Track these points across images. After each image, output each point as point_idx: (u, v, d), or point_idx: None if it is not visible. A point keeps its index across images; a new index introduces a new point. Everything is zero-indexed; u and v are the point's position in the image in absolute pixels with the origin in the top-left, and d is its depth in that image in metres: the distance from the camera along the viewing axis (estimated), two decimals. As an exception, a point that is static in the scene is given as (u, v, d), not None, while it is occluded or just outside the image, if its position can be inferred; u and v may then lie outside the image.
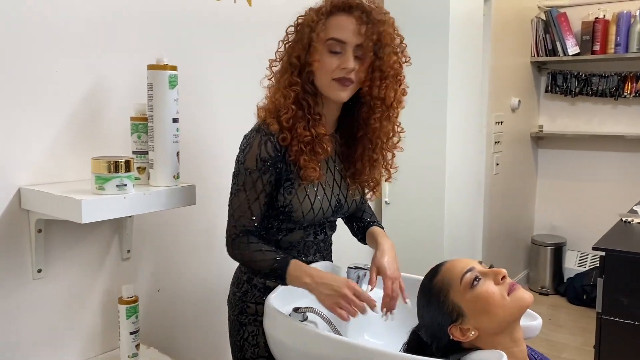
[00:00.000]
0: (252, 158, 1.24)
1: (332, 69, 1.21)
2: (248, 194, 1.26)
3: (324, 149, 1.26)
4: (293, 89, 1.23)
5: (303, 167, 1.25)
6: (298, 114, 1.24)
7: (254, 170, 1.24)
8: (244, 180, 1.26)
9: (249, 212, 1.27)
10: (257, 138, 1.25)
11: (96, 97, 1.39)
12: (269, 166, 1.24)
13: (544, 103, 4.14)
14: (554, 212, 4.17)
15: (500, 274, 1.08)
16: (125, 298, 1.43)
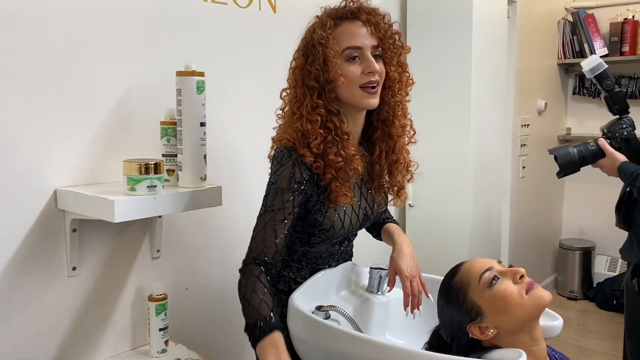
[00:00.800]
0: (284, 179, 1.20)
1: (356, 77, 1.20)
2: (275, 215, 1.20)
3: (355, 169, 1.24)
4: (318, 112, 1.20)
5: (334, 193, 1.22)
6: (327, 138, 1.21)
7: (286, 191, 1.20)
8: (273, 200, 1.20)
9: (272, 235, 1.20)
10: (291, 160, 1.21)
11: (129, 102, 1.45)
12: (301, 188, 1.21)
13: (571, 105, 4.09)
14: (583, 215, 4.11)
15: (518, 273, 1.09)
16: (154, 295, 1.48)
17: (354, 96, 1.22)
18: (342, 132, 1.23)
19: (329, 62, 1.18)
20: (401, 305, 1.49)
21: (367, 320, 1.41)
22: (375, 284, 1.48)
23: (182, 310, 1.64)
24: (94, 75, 1.38)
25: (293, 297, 1.32)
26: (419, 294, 1.36)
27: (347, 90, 1.21)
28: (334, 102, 1.22)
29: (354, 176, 1.25)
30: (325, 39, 1.18)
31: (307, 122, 1.20)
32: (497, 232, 2.70)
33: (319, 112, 1.20)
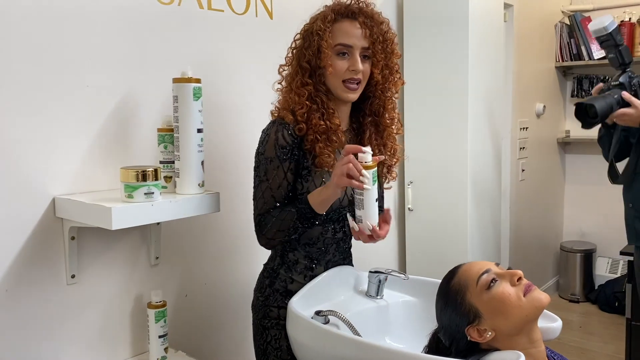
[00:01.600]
0: (270, 147, 1.31)
1: (342, 71, 1.31)
2: (270, 183, 1.32)
3: (338, 138, 1.33)
4: (306, 89, 1.32)
5: (318, 154, 1.31)
6: (312, 107, 1.32)
7: (274, 159, 1.31)
8: (265, 169, 1.32)
9: (272, 200, 1.32)
10: (274, 128, 1.32)
11: (126, 110, 1.45)
12: (287, 152, 1.31)
13: (570, 108, 4.09)
14: (584, 218, 4.11)
15: (516, 275, 1.09)
16: (154, 302, 1.48)
17: (336, 87, 1.34)
18: (328, 107, 1.34)
19: (322, 52, 1.30)
20: (400, 310, 1.50)
21: (366, 324, 1.40)
22: (374, 288, 1.48)
23: (182, 317, 1.64)
24: (92, 84, 1.38)
25: (292, 302, 1.32)
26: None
27: (332, 80, 1.33)
28: (323, 84, 1.34)
29: (338, 144, 1.33)
30: (322, 31, 1.30)
31: (295, 94, 1.33)
32: (497, 235, 2.69)
33: (307, 89, 1.32)
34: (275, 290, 1.41)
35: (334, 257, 1.45)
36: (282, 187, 1.32)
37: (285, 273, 1.41)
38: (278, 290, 1.40)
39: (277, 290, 1.40)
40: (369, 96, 1.40)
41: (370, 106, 1.41)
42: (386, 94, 1.39)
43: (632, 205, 1.95)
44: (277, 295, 1.40)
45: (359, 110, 1.44)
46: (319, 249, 1.42)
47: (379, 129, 1.44)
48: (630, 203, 1.96)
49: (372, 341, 1.22)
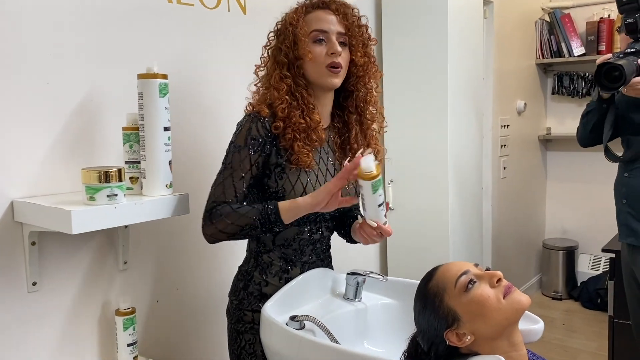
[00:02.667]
0: (242, 136, 1.27)
1: (322, 56, 1.28)
2: (234, 172, 1.26)
3: (318, 136, 1.30)
4: (285, 82, 1.28)
5: (296, 153, 1.27)
6: (292, 104, 1.28)
7: (243, 148, 1.26)
8: (232, 158, 1.27)
9: (232, 189, 1.25)
10: (249, 120, 1.28)
11: (89, 108, 1.39)
12: (258, 145, 1.26)
13: (551, 105, 4.09)
14: (565, 215, 4.11)
15: (495, 277, 1.05)
16: (122, 309, 1.42)
17: (320, 74, 1.29)
18: (308, 102, 1.29)
19: (298, 41, 1.27)
20: (379, 312, 1.45)
21: (344, 329, 1.36)
22: (352, 290, 1.44)
23: (153, 324, 1.58)
24: (52, 81, 1.32)
25: (265, 307, 1.27)
26: None
27: (313, 68, 1.29)
28: (302, 77, 1.30)
29: (318, 142, 1.30)
30: (295, 21, 1.28)
31: (274, 89, 1.28)
32: (479, 233, 2.66)
33: (286, 82, 1.28)
34: (249, 293, 1.35)
35: (310, 258, 1.40)
36: (244, 180, 1.26)
37: (259, 275, 1.36)
38: (252, 293, 1.35)
39: (252, 294, 1.35)
40: (351, 91, 1.37)
41: (353, 101, 1.38)
42: (367, 86, 1.36)
43: (626, 201, 1.92)
44: (252, 298, 1.35)
45: (342, 108, 1.40)
46: (295, 250, 1.37)
47: (363, 127, 1.40)
48: (624, 199, 1.93)
49: (348, 348, 1.18)
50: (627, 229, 1.93)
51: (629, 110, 1.93)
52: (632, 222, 1.90)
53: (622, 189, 1.96)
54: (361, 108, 1.39)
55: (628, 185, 1.93)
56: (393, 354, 1.32)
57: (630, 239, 1.92)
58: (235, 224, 1.23)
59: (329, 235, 1.46)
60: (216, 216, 1.24)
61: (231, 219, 1.23)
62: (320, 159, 1.36)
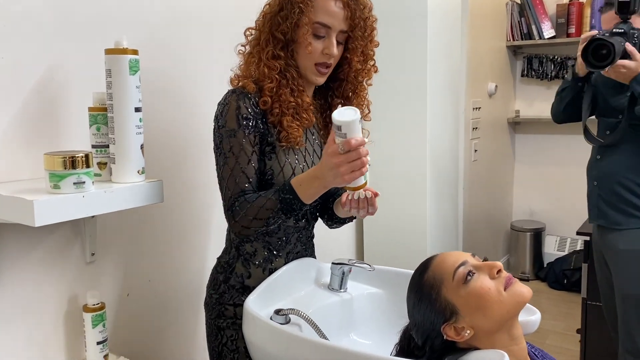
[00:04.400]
0: (232, 118, 1.17)
1: (317, 53, 1.21)
2: (238, 159, 1.17)
3: (308, 116, 1.24)
4: (278, 62, 1.20)
5: (286, 128, 1.20)
6: (282, 83, 1.21)
7: (237, 130, 1.17)
8: (230, 144, 1.17)
9: (244, 177, 1.17)
10: (234, 97, 1.19)
11: (51, 86, 1.26)
12: (251, 123, 1.18)
13: (520, 87, 4.10)
14: (532, 197, 4.16)
15: (495, 268, 1.00)
16: (90, 305, 1.31)
17: (307, 68, 1.24)
18: (299, 84, 1.23)
19: (301, 27, 1.19)
20: (365, 303, 1.40)
21: (330, 321, 1.29)
22: (337, 280, 1.37)
23: (124, 320, 1.48)
24: (7, 55, 1.18)
25: (248, 302, 1.19)
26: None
27: (304, 60, 1.23)
28: (294, 60, 1.23)
29: (308, 122, 1.24)
30: (304, 4, 1.18)
31: (265, 67, 1.20)
32: (455, 217, 2.65)
33: (279, 63, 1.20)
34: (230, 286, 1.27)
35: (295, 247, 1.33)
36: (252, 162, 1.18)
37: (241, 267, 1.28)
38: (234, 286, 1.27)
39: (233, 287, 1.27)
40: (340, 79, 1.31)
41: (340, 89, 1.32)
42: (358, 79, 1.30)
43: (597, 183, 1.91)
44: (233, 291, 1.27)
45: (326, 88, 1.34)
46: (279, 238, 1.29)
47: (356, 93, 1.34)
48: (595, 181, 1.92)
49: (336, 344, 1.11)
50: (597, 211, 1.93)
51: (606, 92, 1.91)
52: (602, 205, 1.90)
53: (593, 171, 1.96)
54: (347, 97, 1.33)
55: (599, 167, 1.92)
56: (381, 345, 1.27)
57: (600, 220, 1.92)
58: (257, 218, 1.15)
59: (313, 223, 1.39)
60: (237, 213, 1.17)
61: (252, 214, 1.15)
62: (307, 139, 1.29)
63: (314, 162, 1.29)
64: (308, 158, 1.28)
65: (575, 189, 3.93)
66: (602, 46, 1.67)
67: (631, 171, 1.82)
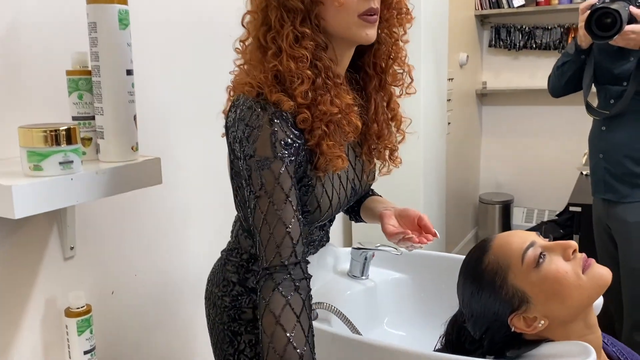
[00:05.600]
0: (266, 143, 0.86)
1: (355, 2, 0.88)
2: (274, 197, 0.85)
3: (353, 124, 0.93)
4: (304, 45, 0.87)
5: (325, 155, 0.91)
6: (317, 82, 0.89)
7: (274, 160, 0.85)
8: (261, 178, 0.86)
9: (281, 226, 0.85)
10: (266, 117, 0.86)
11: (17, 45, 1.02)
12: (293, 152, 0.88)
13: (487, 58, 4.04)
14: (500, 169, 4.14)
15: (570, 248, 0.88)
16: (74, 309, 1.11)
17: (349, 26, 0.90)
18: (335, 75, 0.91)
19: None
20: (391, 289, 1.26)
21: (356, 312, 1.15)
22: (358, 267, 1.23)
23: (109, 320, 1.27)
24: (-42, 5, 0.94)
25: None
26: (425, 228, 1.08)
27: (341, 18, 0.89)
28: (321, 32, 0.90)
29: (352, 133, 0.94)
30: None
31: (290, 59, 0.87)
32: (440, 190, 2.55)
33: (305, 45, 0.87)
34: (248, 288, 1.08)
35: (316, 250, 1.16)
36: (291, 202, 0.87)
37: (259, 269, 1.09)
38: (253, 289, 1.07)
39: (252, 289, 1.07)
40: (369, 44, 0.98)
41: (372, 58, 1.01)
42: (393, 36, 0.99)
43: (603, 156, 1.84)
44: (252, 294, 1.08)
45: (354, 68, 1.04)
46: None
47: (385, 94, 1.05)
48: (601, 154, 1.85)
49: (382, 342, 0.96)
50: (604, 185, 1.86)
51: (606, 59, 1.83)
52: (609, 178, 1.84)
53: (598, 143, 1.88)
54: (382, 67, 1.02)
55: (606, 139, 1.85)
56: (417, 336, 1.16)
57: (608, 194, 1.85)
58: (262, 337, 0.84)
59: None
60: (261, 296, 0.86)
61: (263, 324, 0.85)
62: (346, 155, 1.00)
63: (348, 177, 1.02)
64: (343, 177, 1.02)
65: (541, 160, 3.95)
66: (605, 15, 1.58)
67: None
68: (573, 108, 3.70)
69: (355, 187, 1.07)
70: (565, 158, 3.82)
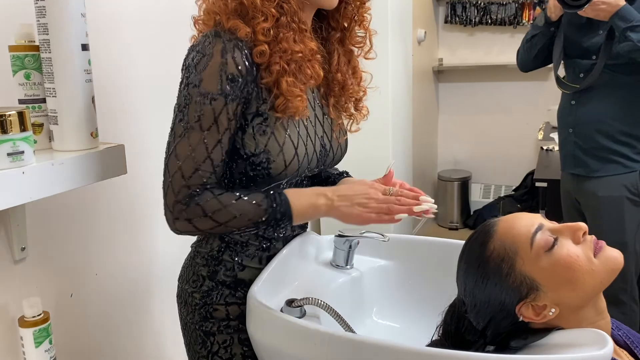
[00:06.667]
0: (214, 76, 0.84)
1: None
2: (206, 135, 0.85)
3: (315, 71, 0.91)
4: None
5: (285, 93, 0.88)
6: (281, 21, 0.87)
7: (218, 96, 0.84)
8: (201, 112, 0.85)
9: (209, 162, 0.86)
10: (219, 45, 0.84)
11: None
12: (238, 88, 0.86)
13: (443, 35, 4.01)
14: (457, 146, 4.16)
15: (580, 230, 0.82)
16: (29, 318, 0.98)
17: None
18: (300, 20, 0.90)
19: None
20: (377, 278, 1.18)
21: (343, 304, 1.06)
22: (342, 256, 1.15)
23: (68, 325, 1.15)
24: None
25: (253, 292, 0.94)
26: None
27: None
28: None
29: (314, 79, 0.92)
30: None
31: None
32: (407, 169, 2.51)
33: None
34: (219, 282, 0.99)
35: (293, 230, 1.07)
36: (221, 145, 0.87)
37: (231, 259, 0.99)
38: (224, 282, 0.99)
39: (223, 283, 0.99)
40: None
41: (340, 15, 1.00)
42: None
43: (573, 130, 1.83)
44: (223, 288, 0.99)
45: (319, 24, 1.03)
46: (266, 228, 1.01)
47: (346, 48, 1.03)
48: (571, 128, 1.83)
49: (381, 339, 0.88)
50: (573, 160, 1.86)
51: (574, 33, 1.81)
52: (579, 153, 1.83)
53: (568, 117, 1.87)
54: (345, 27, 1.02)
55: (576, 113, 1.84)
56: (412, 327, 1.09)
57: (578, 169, 1.85)
58: (227, 224, 0.87)
59: None
60: (195, 211, 0.86)
61: (221, 218, 0.87)
62: (308, 101, 0.98)
63: (316, 132, 0.99)
64: (311, 129, 0.98)
65: (497, 136, 3.98)
66: None
67: (610, 117, 1.75)
68: (529, 84, 3.74)
69: (325, 145, 1.02)
70: (521, 133, 3.86)
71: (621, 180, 1.76)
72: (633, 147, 1.75)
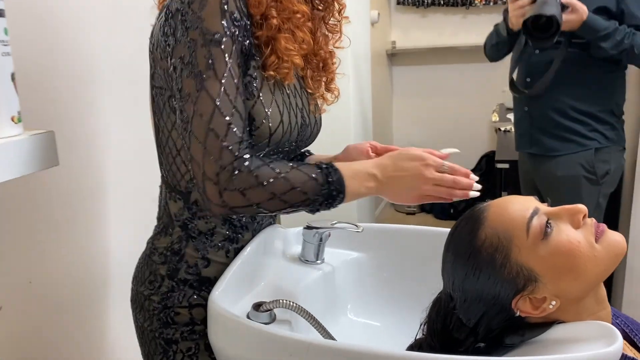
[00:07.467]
0: (215, 15, 0.73)
1: None
2: (225, 83, 0.74)
3: (307, 37, 0.85)
4: None
5: (279, 51, 0.80)
6: None
7: (225, 35, 0.74)
8: (212, 56, 0.73)
9: (238, 116, 0.75)
10: None
11: None
12: (241, 32, 0.77)
13: (395, 17, 3.94)
14: (412, 130, 4.12)
15: (580, 213, 0.75)
16: (-54, 340, 0.82)
17: None
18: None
19: None
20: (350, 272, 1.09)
21: (314, 303, 0.96)
22: (312, 250, 1.05)
23: (0, 343, 0.99)
24: None
25: (214, 297, 0.83)
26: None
27: None
28: None
29: (305, 46, 0.85)
30: None
31: None
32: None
33: None
34: (180, 281, 0.87)
35: (264, 219, 0.96)
36: (239, 93, 0.76)
37: (194, 252, 0.88)
38: (186, 281, 0.87)
39: (185, 282, 0.87)
40: None
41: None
42: None
43: (528, 109, 1.79)
44: (186, 288, 0.88)
45: None
46: None
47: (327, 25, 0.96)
48: (526, 107, 1.79)
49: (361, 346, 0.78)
50: (529, 138, 1.82)
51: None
52: (535, 132, 1.80)
53: (523, 96, 1.83)
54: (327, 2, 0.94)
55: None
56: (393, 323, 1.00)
57: (533, 148, 1.82)
58: (283, 198, 0.75)
59: None
60: (248, 180, 0.74)
61: (278, 189, 0.75)
62: None
63: (297, 103, 0.90)
64: (292, 99, 0.89)
65: (452, 118, 3.97)
66: (538, 17, 1.53)
67: (566, 95, 1.71)
68: (481, 65, 3.71)
69: (305, 119, 0.92)
70: (475, 116, 3.85)
71: (577, 158, 1.73)
72: (588, 125, 1.72)
